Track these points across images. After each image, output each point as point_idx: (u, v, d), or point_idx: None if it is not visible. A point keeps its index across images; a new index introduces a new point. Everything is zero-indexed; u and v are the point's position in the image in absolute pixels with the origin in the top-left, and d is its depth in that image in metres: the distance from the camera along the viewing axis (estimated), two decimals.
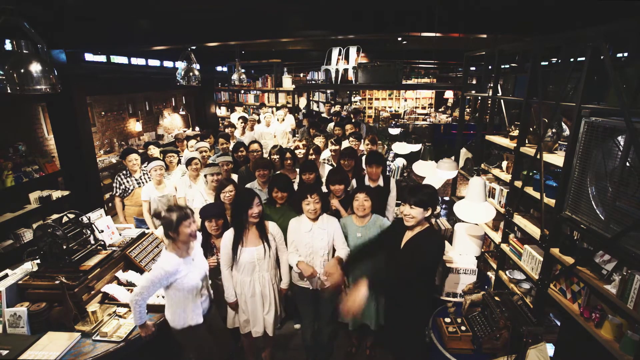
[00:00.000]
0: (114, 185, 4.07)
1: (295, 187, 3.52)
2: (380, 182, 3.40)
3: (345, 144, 5.00)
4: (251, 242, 2.58)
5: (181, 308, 2.31)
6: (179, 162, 4.54)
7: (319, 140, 4.76)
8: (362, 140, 4.97)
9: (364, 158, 4.03)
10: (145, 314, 2.27)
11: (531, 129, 3.01)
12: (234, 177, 4.03)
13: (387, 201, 3.37)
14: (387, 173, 4.52)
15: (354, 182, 3.53)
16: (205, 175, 3.61)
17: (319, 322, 2.91)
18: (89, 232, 2.79)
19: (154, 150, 5.01)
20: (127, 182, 4.06)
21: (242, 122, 6.59)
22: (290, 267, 2.76)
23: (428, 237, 2.23)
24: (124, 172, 4.11)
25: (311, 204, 2.64)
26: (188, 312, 2.32)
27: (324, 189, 3.27)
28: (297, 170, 4.09)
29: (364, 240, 2.65)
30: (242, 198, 2.59)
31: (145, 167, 4.22)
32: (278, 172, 3.91)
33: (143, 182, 4.13)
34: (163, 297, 2.68)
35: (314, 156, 3.95)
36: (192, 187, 3.86)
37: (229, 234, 2.59)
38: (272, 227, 2.69)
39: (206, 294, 2.50)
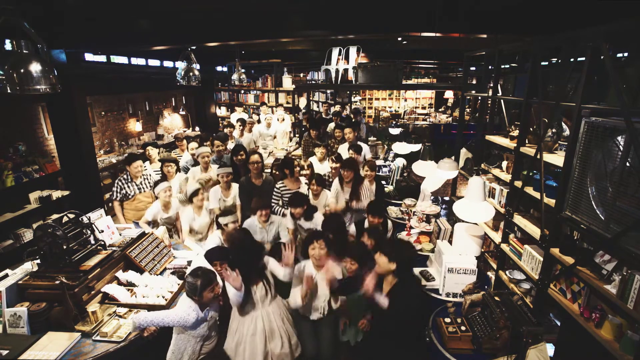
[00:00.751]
0: (114, 189, 4.02)
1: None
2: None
3: (344, 147, 5.00)
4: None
5: (179, 351, 2.36)
6: (177, 170, 4.47)
7: (319, 151, 4.75)
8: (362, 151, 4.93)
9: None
10: (141, 325, 2.29)
11: (531, 129, 3.01)
12: (234, 186, 4.03)
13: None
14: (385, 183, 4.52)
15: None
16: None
17: (320, 343, 2.85)
18: (89, 232, 2.78)
19: (152, 152, 4.99)
20: (128, 187, 4.04)
21: (240, 125, 6.56)
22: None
23: (403, 291, 2.30)
24: (125, 176, 4.08)
25: (316, 249, 2.63)
26: (184, 356, 2.37)
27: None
28: (301, 179, 4.09)
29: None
30: (252, 253, 2.59)
31: (145, 170, 4.21)
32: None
33: (144, 188, 4.11)
34: (164, 297, 2.69)
35: (315, 187, 3.85)
36: (196, 220, 3.77)
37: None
38: (270, 262, 2.69)
39: (212, 338, 2.53)
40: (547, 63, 5.03)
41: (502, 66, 4.70)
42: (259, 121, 7.40)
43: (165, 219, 3.81)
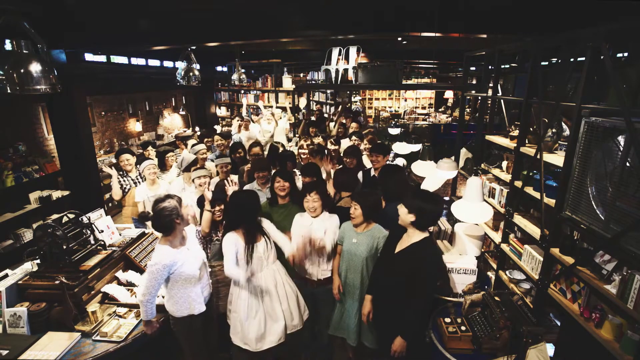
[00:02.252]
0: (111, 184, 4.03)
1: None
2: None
3: (345, 142, 5.01)
4: (259, 237, 2.60)
5: (183, 297, 2.32)
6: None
7: (318, 141, 4.76)
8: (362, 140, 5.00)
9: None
10: (154, 310, 2.29)
11: (531, 129, 3.02)
12: (234, 177, 4.02)
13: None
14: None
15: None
16: (193, 179, 3.51)
17: (318, 324, 2.90)
18: (89, 232, 2.78)
19: (152, 152, 4.98)
20: (125, 181, 4.05)
21: (238, 120, 6.58)
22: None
23: (425, 248, 2.25)
24: (120, 172, 4.10)
25: (310, 201, 2.68)
26: (190, 301, 2.33)
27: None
28: (296, 171, 4.11)
29: (357, 247, 2.64)
30: (251, 201, 2.57)
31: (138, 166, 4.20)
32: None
33: (139, 182, 4.12)
34: (163, 296, 2.68)
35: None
36: (186, 190, 3.77)
37: (232, 237, 2.49)
38: (264, 222, 2.70)
39: (206, 282, 2.50)
40: (547, 63, 5.02)
41: (502, 66, 4.70)
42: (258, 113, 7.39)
43: (152, 198, 3.77)
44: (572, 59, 2.75)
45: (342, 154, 4.14)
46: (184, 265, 2.28)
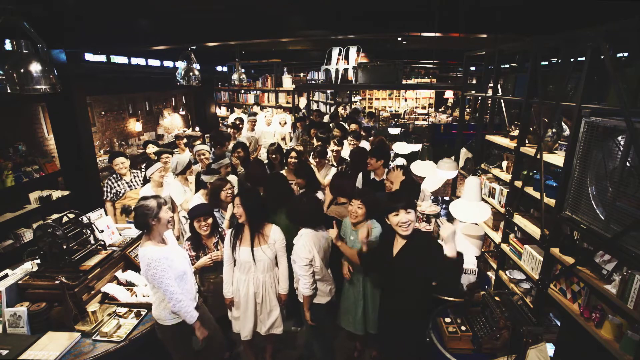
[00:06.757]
0: (105, 190, 3.98)
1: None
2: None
3: (345, 143, 5.02)
4: (246, 242, 2.61)
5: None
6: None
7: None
8: (370, 142, 5.03)
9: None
10: (194, 311, 2.28)
11: (531, 129, 3.02)
12: (233, 179, 4.01)
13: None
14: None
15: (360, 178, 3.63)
16: (207, 183, 3.48)
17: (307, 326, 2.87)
18: (89, 232, 2.78)
19: (153, 149, 4.97)
20: (119, 185, 4.03)
21: (238, 123, 6.57)
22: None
23: (423, 241, 2.26)
24: (114, 175, 4.08)
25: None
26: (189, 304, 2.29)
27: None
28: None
29: (354, 243, 2.69)
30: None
31: (143, 168, 4.19)
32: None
33: (134, 185, 4.11)
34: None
35: (317, 159, 4.00)
36: (187, 192, 3.82)
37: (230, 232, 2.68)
38: (273, 230, 2.66)
39: (194, 291, 2.44)
40: (547, 63, 5.02)
41: (502, 66, 4.70)
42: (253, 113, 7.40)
43: None
44: (572, 59, 2.75)
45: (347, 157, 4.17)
46: (174, 260, 2.26)
